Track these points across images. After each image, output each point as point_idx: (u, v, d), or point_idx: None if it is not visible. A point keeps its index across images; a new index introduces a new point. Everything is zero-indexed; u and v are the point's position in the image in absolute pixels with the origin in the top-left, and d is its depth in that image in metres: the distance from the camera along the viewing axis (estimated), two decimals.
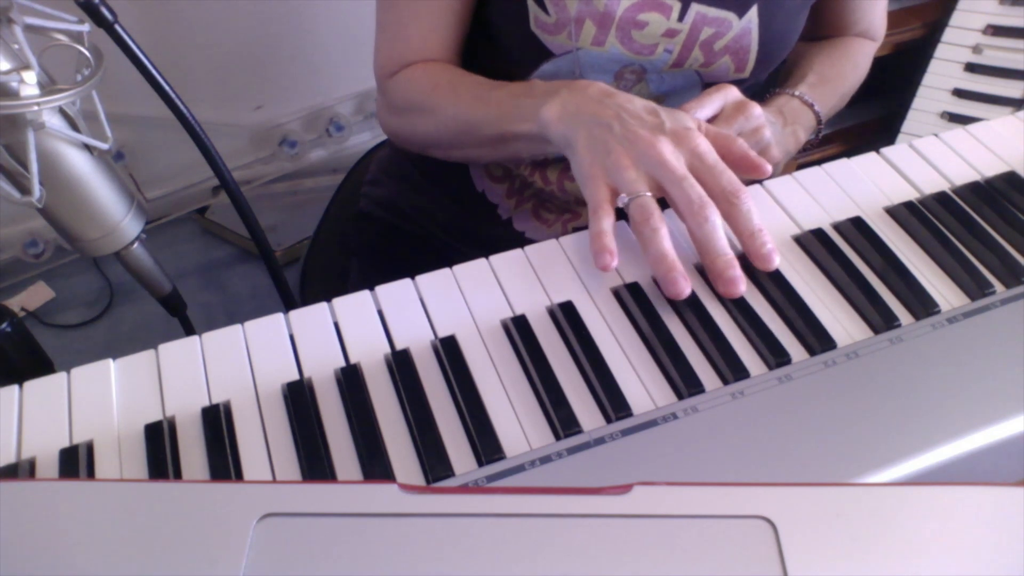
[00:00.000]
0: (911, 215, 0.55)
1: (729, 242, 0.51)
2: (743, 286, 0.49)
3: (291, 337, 0.49)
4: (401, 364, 0.46)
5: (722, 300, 0.50)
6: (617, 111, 0.54)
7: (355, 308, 0.50)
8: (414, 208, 0.84)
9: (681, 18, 0.65)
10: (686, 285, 0.48)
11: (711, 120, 0.60)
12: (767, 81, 0.75)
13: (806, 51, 0.78)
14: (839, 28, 0.79)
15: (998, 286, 0.50)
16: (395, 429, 0.44)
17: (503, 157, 0.67)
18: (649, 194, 0.51)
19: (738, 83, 0.69)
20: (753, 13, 0.65)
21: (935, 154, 0.60)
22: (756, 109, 0.60)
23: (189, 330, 0.93)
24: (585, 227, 0.55)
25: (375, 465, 0.42)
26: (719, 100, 0.60)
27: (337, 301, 0.51)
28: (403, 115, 0.72)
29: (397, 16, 0.70)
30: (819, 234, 0.53)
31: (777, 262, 0.50)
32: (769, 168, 0.54)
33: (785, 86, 0.73)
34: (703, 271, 0.52)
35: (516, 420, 0.44)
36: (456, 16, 0.69)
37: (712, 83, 0.68)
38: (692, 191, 0.50)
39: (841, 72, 0.77)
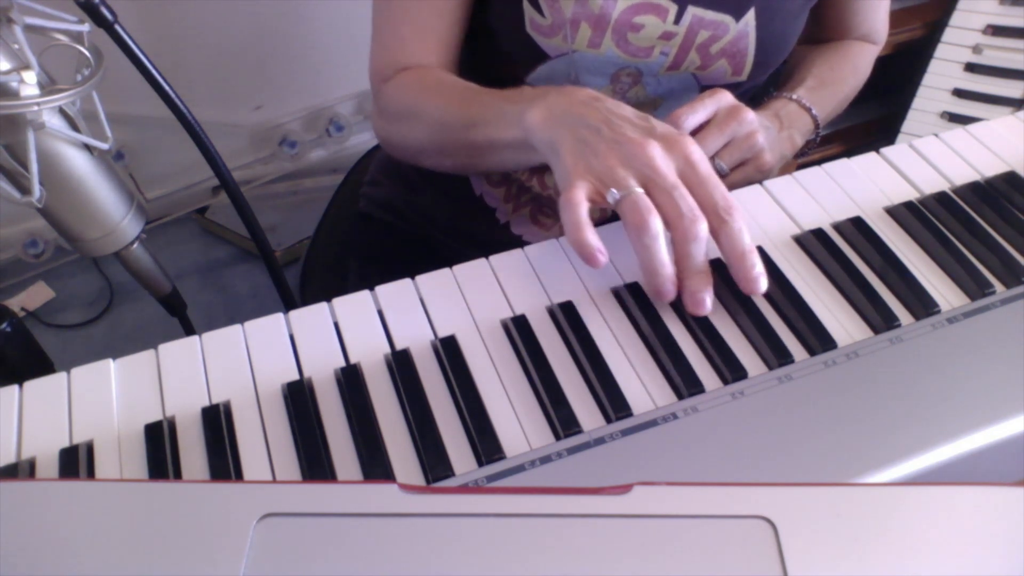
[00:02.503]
0: (911, 215, 0.55)
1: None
2: (709, 306, 0.48)
3: (291, 337, 0.49)
4: (401, 364, 0.46)
5: (722, 300, 0.50)
6: (606, 115, 0.51)
7: (355, 308, 0.50)
8: (413, 210, 0.84)
9: (677, 21, 0.65)
10: (674, 293, 0.48)
11: (703, 125, 0.59)
12: (766, 84, 0.75)
13: (806, 54, 0.78)
14: (841, 31, 0.79)
15: (998, 286, 0.50)
16: (395, 429, 0.44)
17: (491, 167, 0.65)
18: (641, 191, 0.48)
19: (735, 86, 0.69)
20: (750, 16, 0.65)
21: (935, 154, 0.60)
22: (749, 114, 0.60)
23: (189, 330, 0.94)
24: None
25: (375, 465, 0.42)
26: (712, 105, 0.59)
27: (337, 301, 0.51)
28: (394, 122, 0.70)
29: (391, 19, 0.69)
30: (819, 234, 0.53)
31: (764, 287, 0.48)
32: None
33: (783, 89, 0.73)
34: None
35: (516, 420, 0.44)
36: (452, 18, 0.68)
37: (709, 86, 0.68)
38: (683, 202, 0.47)
39: (841, 76, 0.76)
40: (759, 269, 0.48)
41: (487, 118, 0.60)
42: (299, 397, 0.45)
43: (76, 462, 0.42)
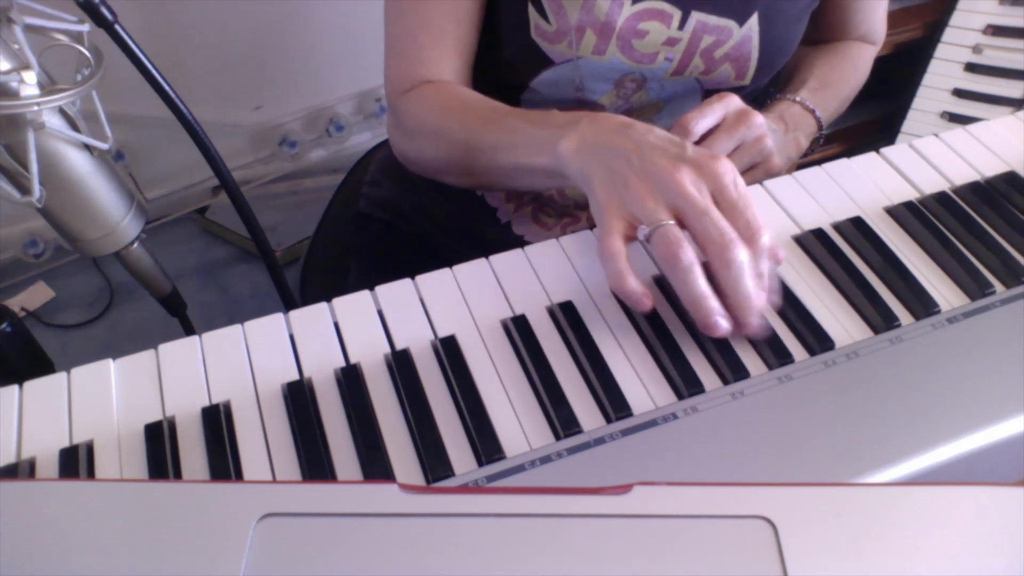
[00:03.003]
0: (911, 215, 0.55)
1: None
2: (759, 330, 0.47)
3: (291, 337, 0.49)
4: (401, 364, 0.46)
5: (723, 299, 0.50)
6: (637, 142, 0.50)
7: (355, 308, 0.50)
8: (413, 209, 0.84)
9: (681, 26, 0.65)
10: (728, 326, 0.46)
11: (712, 130, 0.59)
12: (767, 86, 0.75)
13: (806, 56, 0.78)
14: (840, 32, 0.79)
15: (998, 286, 0.50)
16: (395, 429, 0.44)
17: (518, 188, 0.63)
18: (672, 223, 0.47)
19: (738, 90, 0.69)
20: (754, 21, 0.65)
21: (935, 154, 0.60)
22: (758, 118, 0.59)
23: (189, 330, 0.94)
24: (584, 229, 0.55)
25: (375, 465, 0.42)
26: (720, 110, 0.59)
27: (337, 301, 0.51)
28: (414, 138, 0.69)
29: (407, 27, 0.68)
30: (819, 234, 0.53)
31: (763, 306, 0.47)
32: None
33: (786, 91, 0.73)
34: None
35: (516, 420, 0.44)
36: (467, 23, 0.67)
37: (713, 90, 0.67)
38: (713, 227, 0.46)
39: (842, 76, 0.76)
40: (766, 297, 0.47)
41: (516, 142, 0.59)
42: (299, 397, 0.45)
43: (76, 462, 0.42)
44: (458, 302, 0.50)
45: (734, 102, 0.60)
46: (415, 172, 0.73)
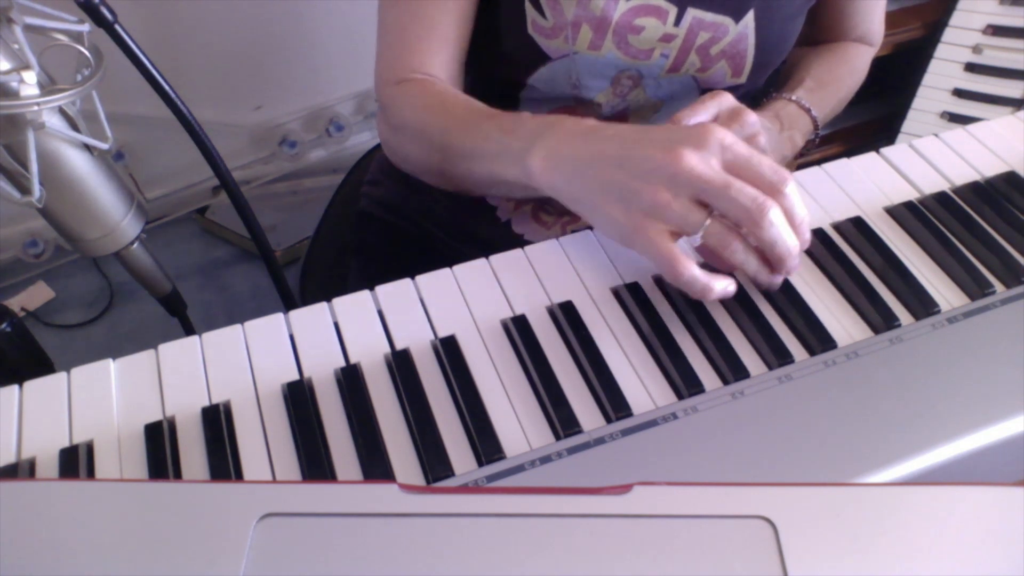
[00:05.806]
0: (911, 215, 0.55)
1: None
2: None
3: (291, 337, 0.49)
4: (401, 364, 0.46)
5: (722, 300, 0.50)
6: (618, 145, 0.48)
7: (355, 308, 0.50)
8: (414, 208, 0.84)
9: (677, 23, 0.65)
10: (779, 282, 0.49)
11: None
12: (764, 85, 0.75)
13: (803, 56, 0.78)
14: (837, 33, 0.79)
15: (998, 286, 0.50)
16: (395, 429, 0.44)
17: (498, 195, 0.63)
18: (709, 220, 0.46)
19: (735, 88, 0.69)
20: (749, 18, 0.65)
21: (935, 154, 0.60)
22: (751, 116, 0.59)
23: (189, 330, 0.94)
24: (584, 228, 0.55)
25: (375, 465, 0.42)
26: (713, 107, 0.59)
27: (337, 301, 0.51)
28: (397, 133, 0.68)
29: (398, 19, 0.67)
30: (819, 234, 0.53)
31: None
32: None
33: (782, 90, 0.73)
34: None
35: (516, 420, 0.44)
36: (459, 16, 0.67)
37: (709, 88, 0.67)
38: (742, 196, 0.45)
39: (838, 77, 0.77)
40: (807, 237, 0.48)
41: (487, 151, 0.57)
42: (299, 397, 0.45)
43: (76, 462, 0.42)
44: (458, 302, 0.50)
45: (727, 100, 0.59)
46: (399, 167, 0.72)
